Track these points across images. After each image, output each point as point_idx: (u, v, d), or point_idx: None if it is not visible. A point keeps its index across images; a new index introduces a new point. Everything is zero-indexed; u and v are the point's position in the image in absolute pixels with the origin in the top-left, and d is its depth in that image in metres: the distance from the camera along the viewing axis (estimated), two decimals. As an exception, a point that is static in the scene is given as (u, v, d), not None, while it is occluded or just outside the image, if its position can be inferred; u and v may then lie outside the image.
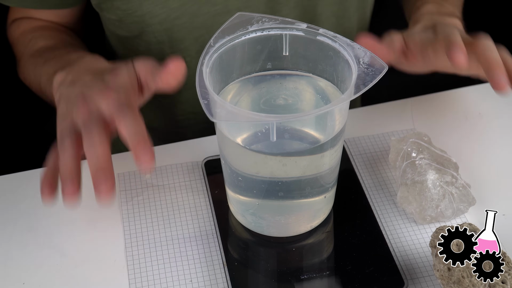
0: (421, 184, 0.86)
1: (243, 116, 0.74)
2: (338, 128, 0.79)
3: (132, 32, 1.08)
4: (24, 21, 1.11)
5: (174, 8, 1.03)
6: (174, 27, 1.05)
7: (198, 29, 1.06)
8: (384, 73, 0.76)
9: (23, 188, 0.92)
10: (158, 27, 1.05)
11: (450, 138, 0.98)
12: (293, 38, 0.83)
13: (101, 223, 0.88)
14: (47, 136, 0.94)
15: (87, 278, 0.83)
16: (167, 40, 1.07)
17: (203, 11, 1.04)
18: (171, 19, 1.04)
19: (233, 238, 0.86)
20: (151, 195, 0.92)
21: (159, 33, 1.06)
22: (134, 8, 1.03)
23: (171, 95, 1.12)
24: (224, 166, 0.84)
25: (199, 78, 0.75)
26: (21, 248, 0.86)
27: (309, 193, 0.82)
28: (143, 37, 1.08)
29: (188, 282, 0.82)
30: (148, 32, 1.06)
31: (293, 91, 0.85)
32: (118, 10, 1.04)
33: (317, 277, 0.81)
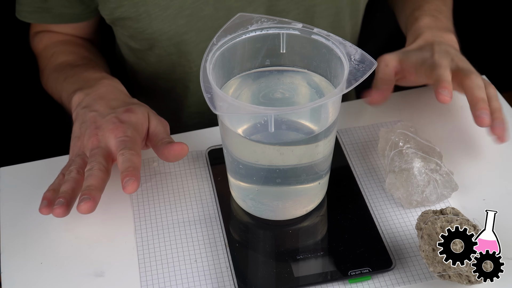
0: (407, 172, 0.86)
1: (243, 109, 0.74)
2: (331, 119, 0.80)
3: (143, 46, 1.08)
4: (46, 34, 1.12)
5: (181, 25, 1.04)
6: (182, 42, 1.06)
7: (204, 42, 1.06)
8: (374, 69, 0.76)
9: (41, 176, 0.93)
10: (167, 42, 1.06)
11: (435, 129, 0.98)
12: (290, 36, 0.83)
13: (112, 208, 0.89)
14: (67, 126, 0.96)
15: (99, 258, 0.84)
16: (175, 52, 1.07)
17: (208, 25, 1.04)
18: (179, 34, 1.04)
19: (235, 221, 0.87)
20: (158, 181, 0.92)
21: (168, 47, 1.06)
22: (145, 27, 1.04)
23: (178, 100, 1.13)
24: (226, 155, 0.84)
25: (203, 74, 0.76)
26: (39, 231, 0.87)
27: (305, 180, 0.83)
28: (154, 50, 1.08)
29: (193, 261, 0.83)
30: (159, 46, 1.07)
31: (289, 86, 0.86)
32: (130, 29, 1.05)
33: (311, 257, 0.82)
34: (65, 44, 1.11)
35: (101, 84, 0.94)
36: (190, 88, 1.13)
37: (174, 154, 0.85)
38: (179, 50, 1.07)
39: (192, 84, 1.12)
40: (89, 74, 0.99)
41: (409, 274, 0.81)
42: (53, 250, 0.85)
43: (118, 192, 0.87)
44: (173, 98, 1.16)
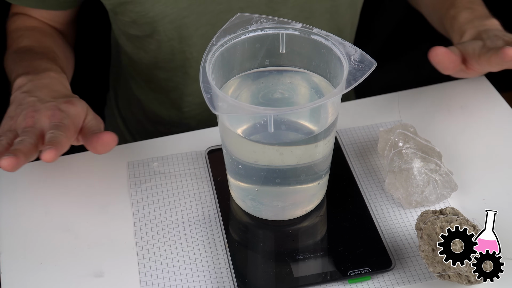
0: (407, 172, 0.86)
1: (243, 109, 0.74)
2: (330, 120, 0.80)
3: (145, 31, 1.09)
4: (20, 17, 1.12)
5: (183, 7, 1.04)
6: (183, 25, 1.06)
7: (204, 26, 1.07)
8: (373, 69, 0.76)
9: (40, 176, 0.93)
10: (169, 26, 1.06)
11: (434, 129, 0.98)
12: (289, 37, 0.83)
13: (112, 208, 0.89)
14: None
15: (99, 259, 0.83)
16: (176, 37, 1.08)
17: (209, 9, 1.05)
18: (181, 18, 1.05)
19: (234, 221, 0.87)
20: (158, 182, 0.92)
21: (170, 31, 1.07)
22: (147, 10, 1.04)
23: (178, 89, 1.13)
24: (226, 155, 0.84)
25: (202, 74, 0.76)
26: (38, 231, 0.87)
27: (304, 180, 0.83)
28: (154, 36, 1.09)
29: (193, 262, 0.83)
30: (160, 31, 1.07)
31: (289, 86, 0.86)
32: (132, 13, 1.05)
33: (311, 257, 0.82)
34: (33, 30, 1.11)
35: (47, 74, 0.95)
36: (190, 75, 1.13)
37: (103, 143, 0.84)
38: (180, 34, 1.08)
39: (192, 71, 1.13)
40: (41, 63, 0.99)
41: (409, 274, 0.81)
42: (53, 251, 0.85)
43: (118, 193, 0.88)
44: (172, 87, 1.16)
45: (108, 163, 0.94)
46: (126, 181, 0.93)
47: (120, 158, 0.95)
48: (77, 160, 0.96)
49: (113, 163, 0.94)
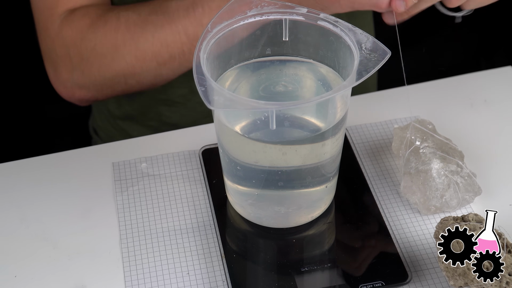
0: (425, 173, 0.85)
1: (241, 104, 0.74)
2: (339, 115, 0.79)
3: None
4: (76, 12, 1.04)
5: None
6: None
7: None
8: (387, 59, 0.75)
9: (14, 179, 0.92)
10: None
11: (455, 126, 0.98)
12: (293, 23, 0.83)
13: (95, 214, 0.88)
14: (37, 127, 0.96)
15: (80, 271, 0.82)
16: None
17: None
18: None
19: (232, 229, 0.86)
20: (146, 185, 0.92)
21: None
22: None
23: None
24: (222, 155, 0.83)
25: (196, 65, 0.75)
26: (12, 240, 0.86)
27: (310, 183, 0.82)
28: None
29: (185, 274, 0.81)
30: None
31: (293, 78, 0.85)
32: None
33: (318, 269, 0.81)
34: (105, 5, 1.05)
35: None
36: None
37: None
38: None
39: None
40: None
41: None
42: (29, 262, 0.84)
43: (102, 197, 0.88)
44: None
45: (90, 163, 0.95)
46: (111, 184, 0.92)
47: (104, 158, 0.96)
48: (56, 160, 0.96)
49: (97, 164, 0.95)
